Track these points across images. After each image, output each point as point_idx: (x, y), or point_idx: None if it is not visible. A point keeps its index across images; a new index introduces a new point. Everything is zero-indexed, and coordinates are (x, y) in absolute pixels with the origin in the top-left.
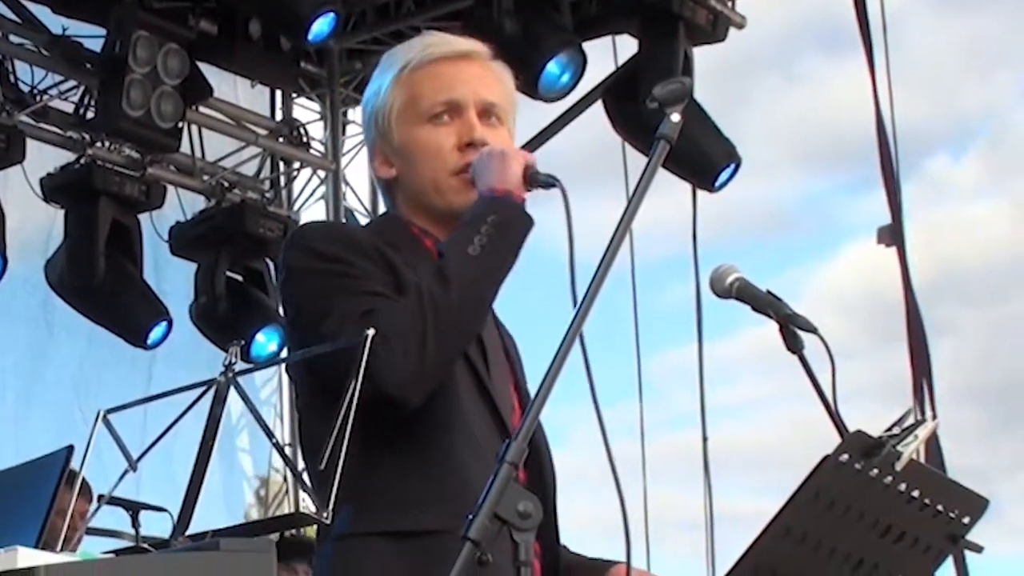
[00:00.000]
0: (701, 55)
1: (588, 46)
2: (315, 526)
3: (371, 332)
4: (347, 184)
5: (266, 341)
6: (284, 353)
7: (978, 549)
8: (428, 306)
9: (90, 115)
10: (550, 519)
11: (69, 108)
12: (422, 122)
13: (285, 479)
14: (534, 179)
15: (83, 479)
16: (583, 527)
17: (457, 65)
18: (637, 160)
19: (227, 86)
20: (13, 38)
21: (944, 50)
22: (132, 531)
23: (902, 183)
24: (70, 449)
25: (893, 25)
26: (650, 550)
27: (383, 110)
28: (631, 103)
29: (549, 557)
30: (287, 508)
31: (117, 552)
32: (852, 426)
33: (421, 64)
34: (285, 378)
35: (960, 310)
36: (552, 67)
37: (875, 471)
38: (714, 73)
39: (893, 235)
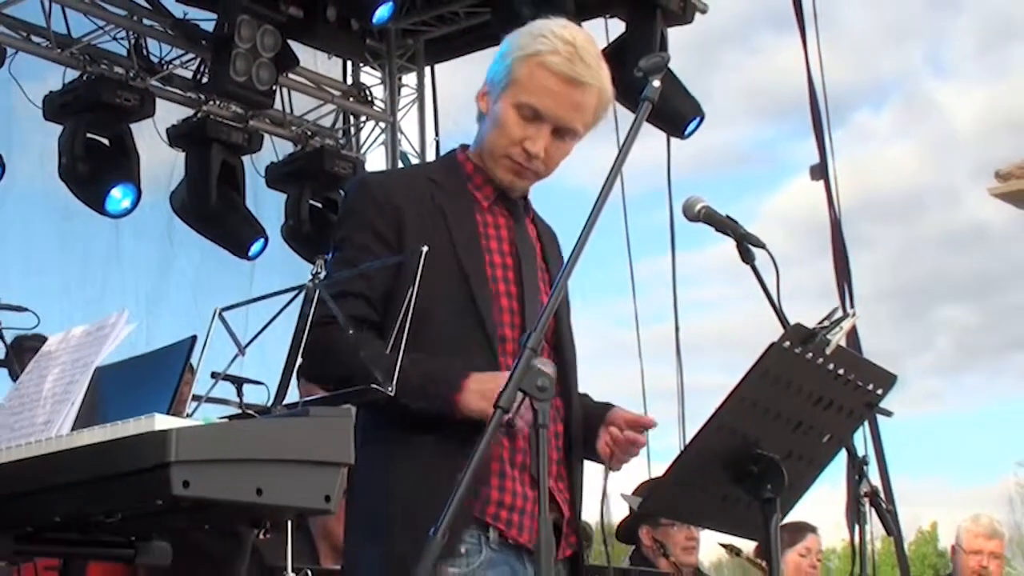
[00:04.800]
0: (674, 34)
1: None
2: None
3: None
4: (402, 133)
5: None
6: None
7: (888, 413)
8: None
9: (205, 80)
10: (568, 383)
11: (188, 75)
12: (513, 105)
13: None
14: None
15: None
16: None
17: (565, 86)
18: (623, 113)
19: (310, 58)
20: (146, 21)
21: (868, 27)
22: (237, 400)
23: (833, 131)
24: (194, 338)
25: (828, 7)
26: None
27: (507, 71)
28: (619, 71)
29: (568, 411)
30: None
31: (229, 418)
32: (793, 320)
33: (544, 65)
34: None
35: (878, 228)
36: None
37: (810, 354)
38: (685, 47)
39: (821, 171)
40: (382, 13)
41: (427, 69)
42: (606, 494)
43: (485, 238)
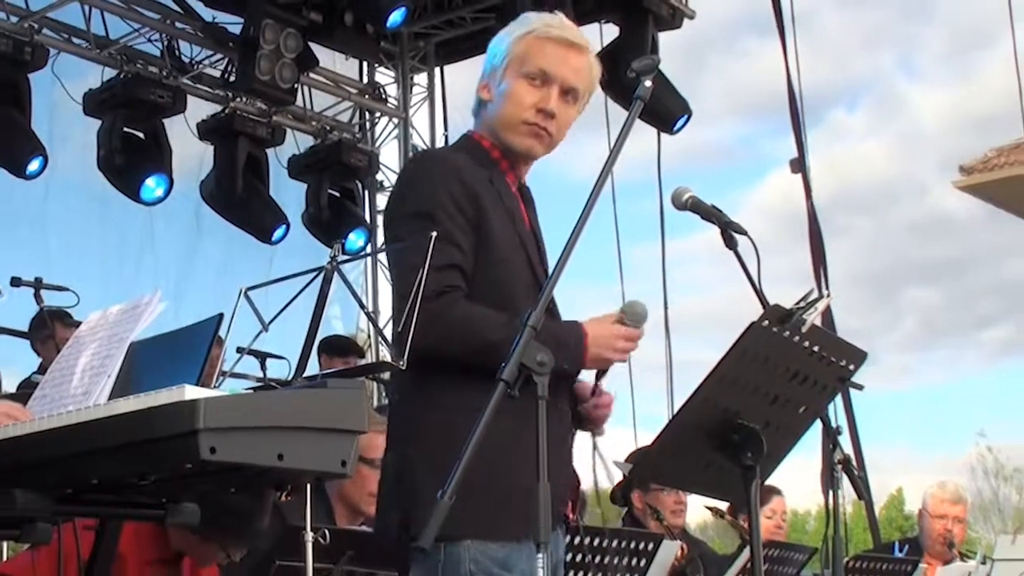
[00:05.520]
0: (665, 38)
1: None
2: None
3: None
4: (413, 128)
5: (356, 239)
6: (368, 249)
7: (859, 387)
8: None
9: (232, 79)
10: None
11: (217, 74)
12: (520, 77)
13: (368, 336)
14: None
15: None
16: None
17: (563, 49)
18: (615, 109)
19: (329, 59)
20: (178, 24)
21: (843, 33)
22: (260, 374)
23: (810, 129)
24: (220, 315)
25: (807, 14)
26: (633, 387)
27: (502, 55)
28: (614, 72)
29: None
30: (369, 358)
31: (254, 389)
32: (772, 301)
33: (540, 36)
34: (366, 265)
35: (851, 218)
36: None
37: (787, 333)
38: (674, 51)
39: (799, 165)
40: (395, 18)
41: (437, 70)
42: (592, 461)
43: (523, 223)
